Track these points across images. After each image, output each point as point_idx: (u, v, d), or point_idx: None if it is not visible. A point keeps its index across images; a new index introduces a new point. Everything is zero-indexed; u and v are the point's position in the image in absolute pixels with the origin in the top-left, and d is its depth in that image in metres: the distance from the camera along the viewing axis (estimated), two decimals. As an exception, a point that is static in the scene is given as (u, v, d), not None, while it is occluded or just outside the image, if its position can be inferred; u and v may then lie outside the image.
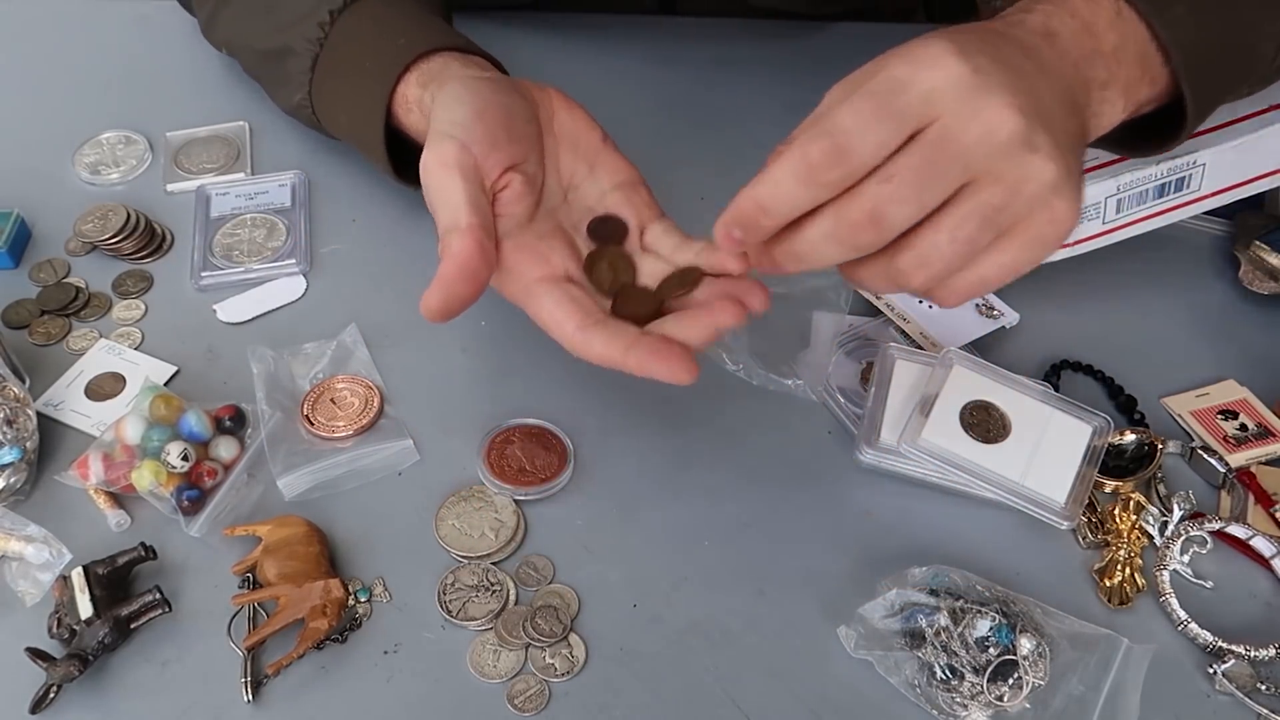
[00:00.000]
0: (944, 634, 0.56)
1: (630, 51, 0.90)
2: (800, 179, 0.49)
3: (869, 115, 0.47)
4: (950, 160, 0.47)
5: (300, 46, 0.70)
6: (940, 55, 0.47)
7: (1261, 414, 0.66)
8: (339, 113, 0.71)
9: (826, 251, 0.50)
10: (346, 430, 0.65)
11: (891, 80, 0.48)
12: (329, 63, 0.70)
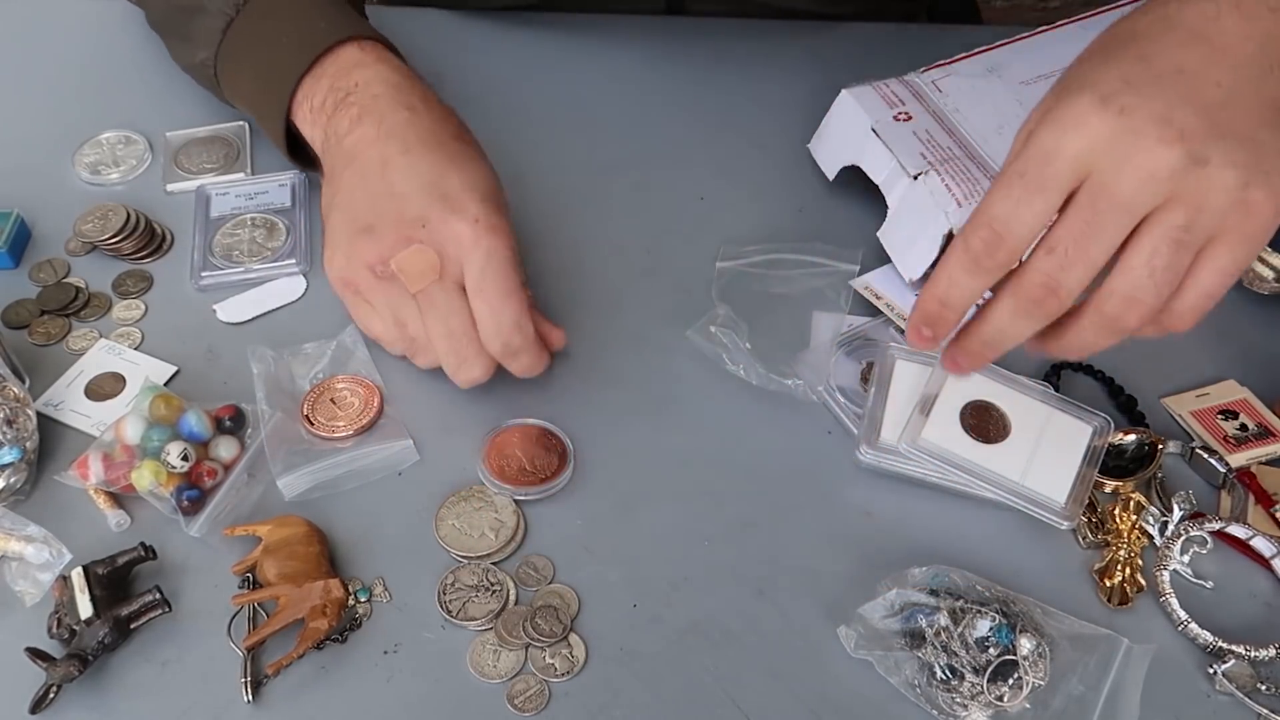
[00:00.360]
0: (944, 634, 0.56)
1: (634, 52, 0.90)
2: (968, 270, 0.51)
3: (1019, 196, 0.49)
4: (1110, 213, 0.48)
5: (214, 7, 0.72)
6: (1083, 114, 0.48)
7: (1261, 414, 0.66)
8: (243, 81, 0.73)
9: (1016, 329, 0.52)
10: (346, 430, 0.65)
11: (1039, 152, 0.50)
12: (243, 29, 0.71)
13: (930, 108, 0.75)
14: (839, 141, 0.78)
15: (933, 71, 0.78)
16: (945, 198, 0.69)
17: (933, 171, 0.70)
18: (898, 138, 0.73)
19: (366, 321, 0.67)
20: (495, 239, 0.62)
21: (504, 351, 0.63)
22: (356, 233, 0.64)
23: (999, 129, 0.74)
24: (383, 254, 0.63)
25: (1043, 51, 0.79)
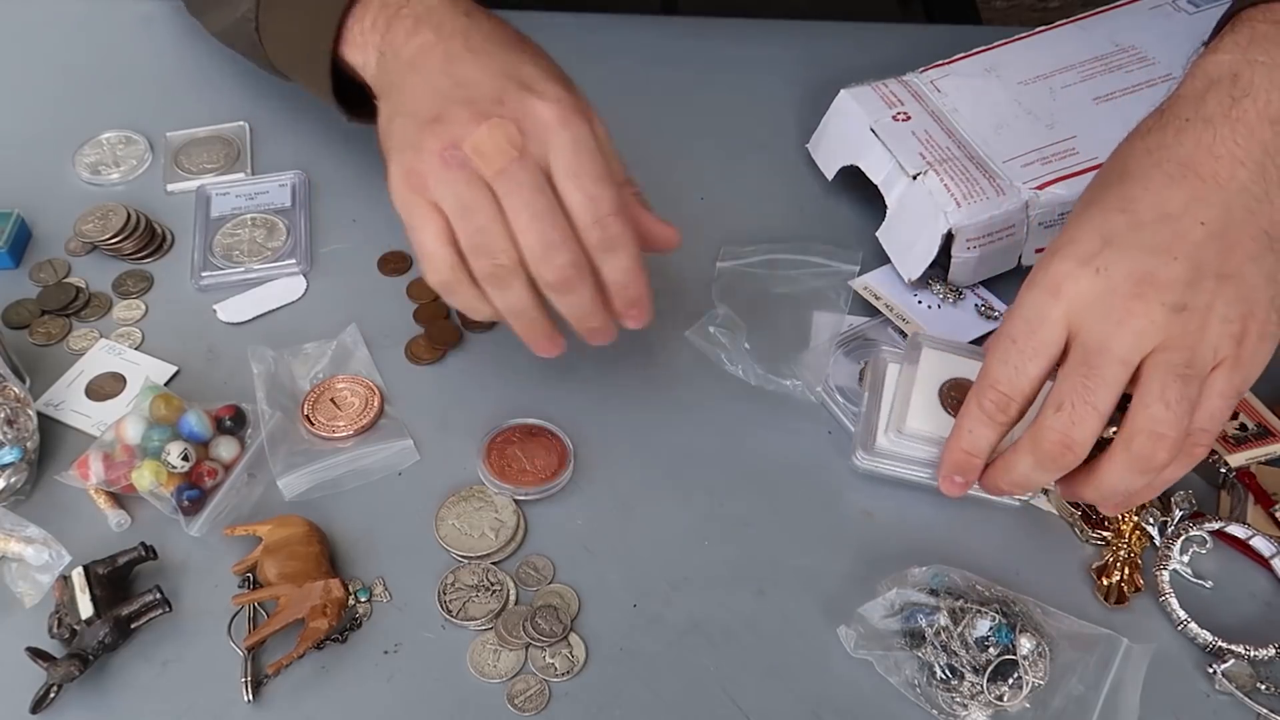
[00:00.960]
0: (944, 634, 0.56)
1: (633, 52, 0.90)
2: (985, 425, 0.54)
3: (1015, 361, 0.52)
4: (1106, 368, 0.50)
5: None
6: (1063, 278, 0.51)
7: (1261, 414, 0.66)
8: (287, 25, 0.68)
9: (1039, 477, 0.54)
10: (347, 430, 0.65)
11: (1025, 318, 0.52)
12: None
13: (929, 108, 0.75)
14: (838, 141, 0.78)
15: (931, 71, 0.78)
16: (944, 197, 0.69)
17: (931, 171, 0.70)
18: (896, 138, 0.73)
19: (421, 228, 0.57)
20: (583, 121, 0.56)
21: (602, 242, 0.56)
22: (424, 124, 0.57)
23: (997, 129, 0.74)
24: (455, 136, 0.56)
25: (1041, 52, 0.79)
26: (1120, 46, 0.78)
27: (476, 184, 0.55)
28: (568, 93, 0.57)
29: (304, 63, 0.68)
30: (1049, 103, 0.75)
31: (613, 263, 0.57)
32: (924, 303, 0.72)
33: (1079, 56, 0.78)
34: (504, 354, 0.70)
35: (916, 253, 0.71)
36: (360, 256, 0.76)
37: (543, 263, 0.56)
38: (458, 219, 0.56)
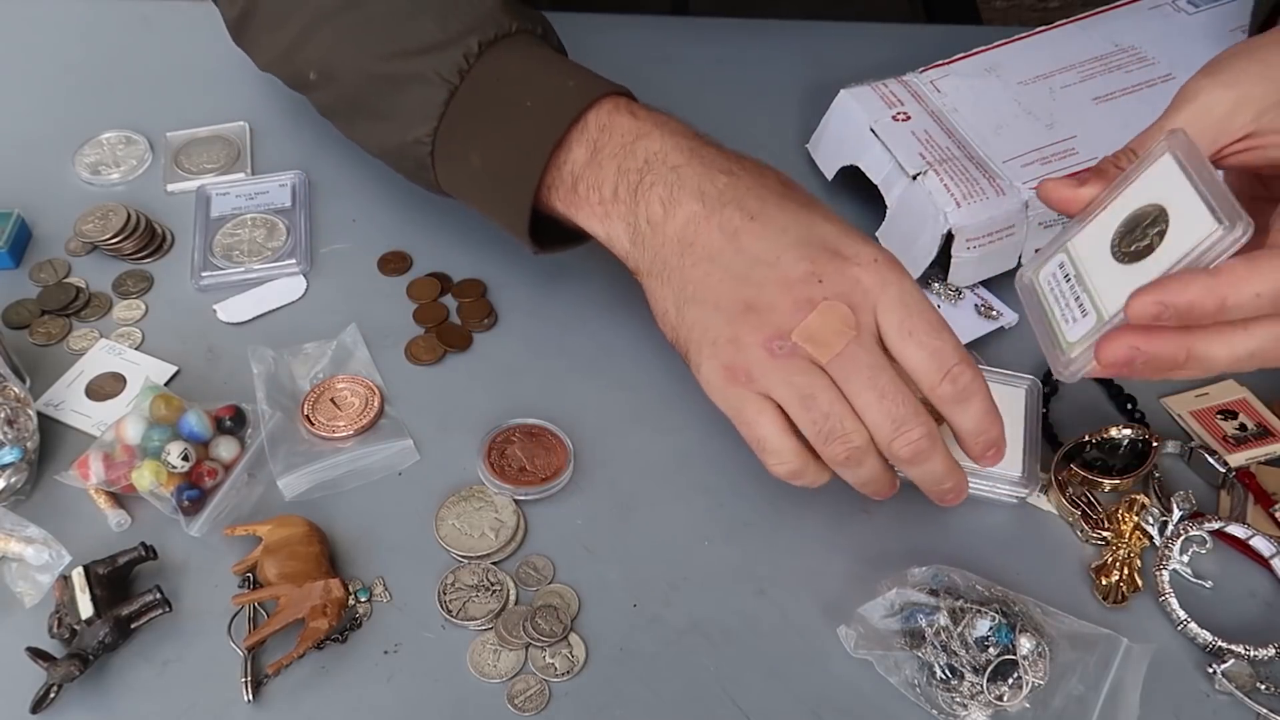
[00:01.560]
0: (944, 634, 0.56)
1: (633, 52, 0.90)
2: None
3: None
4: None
5: (432, 76, 0.62)
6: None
7: (1261, 414, 0.66)
8: (472, 153, 0.63)
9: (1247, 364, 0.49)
10: (347, 430, 0.65)
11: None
12: (471, 98, 0.62)
13: (929, 108, 0.75)
14: (838, 141, 0.78)
15: (931, 71, 0.78)
16: (944, 197, 0.69)
17: (931, 171, 0.70)
18: (896, 137, 0.73)
19: (757, 422, 0.55)
20: (902, 275, 0.54)
21: (955, 395, 0.53)
22: (735, 316, 0.55)
23: (997, 129, 0.74)
24: (780, 327, 0.54)
25: (1041, 52, 0.79)
26: (1120, 46, 0.78)
27: (812, 371, 0.53)
28: (873, 246, 0.55)
29: (497, 203, 0.64)
30: (1049, 103, 0.75)
31: (967, 411, 0.54)
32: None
33: (1079, 56, 0.78)
34: (504, 354, 0.70)
35: (916, 252, 0.71)
36: (360, 256, 0.76)
37: (895, 441, 0.53)
38: (797, 409, 0.54)
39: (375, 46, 0.65)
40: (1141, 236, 0.47)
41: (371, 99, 0.67)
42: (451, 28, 0.63)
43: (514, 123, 0.61)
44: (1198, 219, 0.46)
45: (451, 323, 0.71)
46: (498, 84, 0.62)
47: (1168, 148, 0.48)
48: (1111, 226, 0.49)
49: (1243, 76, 0.48)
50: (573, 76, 0.62)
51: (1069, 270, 0.51)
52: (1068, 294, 0.51)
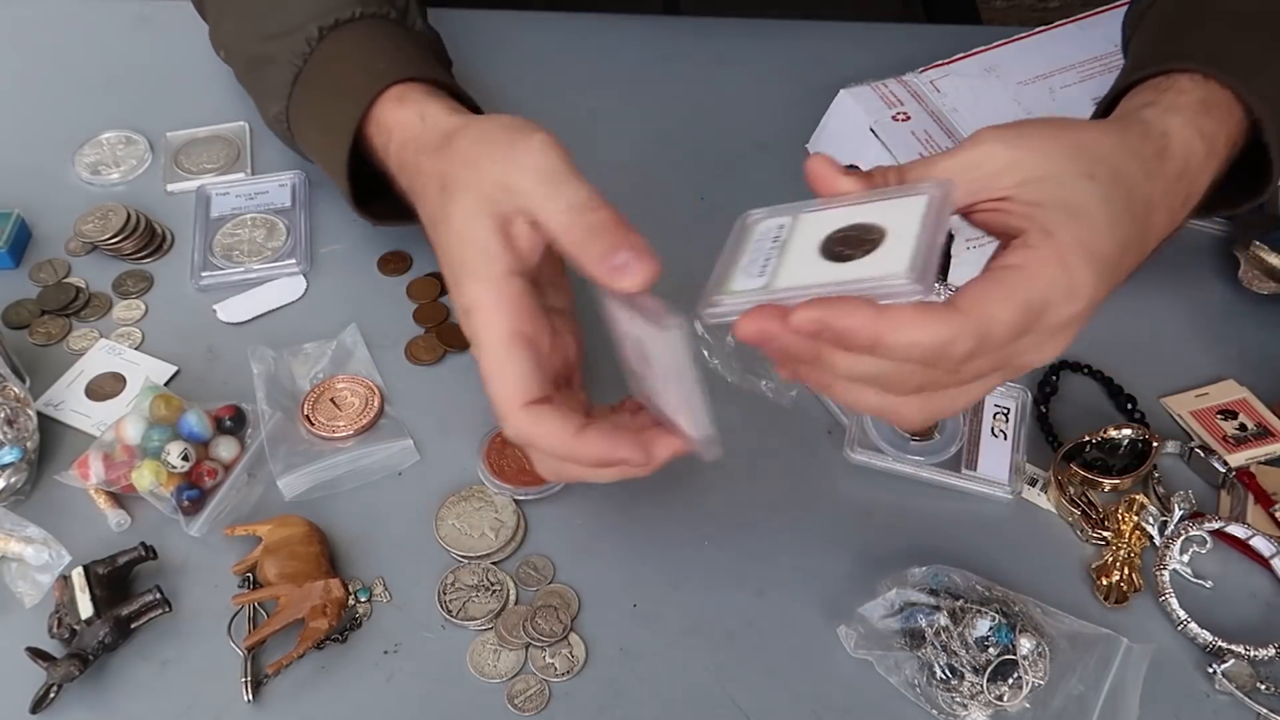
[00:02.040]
0: (944, 634, 0.56)
1: (633, 52, 0.90)
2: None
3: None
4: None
5: (283, 58, 0.68)
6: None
7: (1261, 414, 0.66)
8: (311, 130, 0.70)
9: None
10: (347, 430, 0.65)
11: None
12: (309, 78, 0.68)
13: (929, 108, 0.75)
14: (838, 141, 0.78)
15: (931, 72, 0.78)
16: None
17: None
18: (896, 138, 0.73)
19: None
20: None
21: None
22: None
23: None
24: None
25: (1041, 52, 0.79)
26: (1119, 46, 0.78)
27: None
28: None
29: (328, 170, 0.69)
30: (1048, 103, 0.75)
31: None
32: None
33: (1078, 57, 0.78)
34: (504, 354, 0.70)
35: None
36: (360, 256, 0.76)
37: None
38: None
39: (252, 30, 0.72)
40: (852, 245, 0.47)
41: (252, 77, 0.74)
42: (303, 13, 0.68)
43: (334, 103, 0.66)
44: (898, 259, 0.45)
45: (451, 323, 0.71)
46: (329, 66, 0.68)
47: (928, 192, 0.47)
48: (839, 223, 0.49)
49: (1027, 145, 0.49)
50: (384, 59, 0.65)
51: (782, 235, 0.50)
52: (765, 251, 0.50)
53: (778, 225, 0.50)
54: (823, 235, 0.48)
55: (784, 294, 0.46)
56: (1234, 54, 0.53)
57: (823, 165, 0.49)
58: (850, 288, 0.45)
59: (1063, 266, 0.46)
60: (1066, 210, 0.47)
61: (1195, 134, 0.52)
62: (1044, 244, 0.46)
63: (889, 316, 0.44)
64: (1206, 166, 0.52)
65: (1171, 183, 0.51)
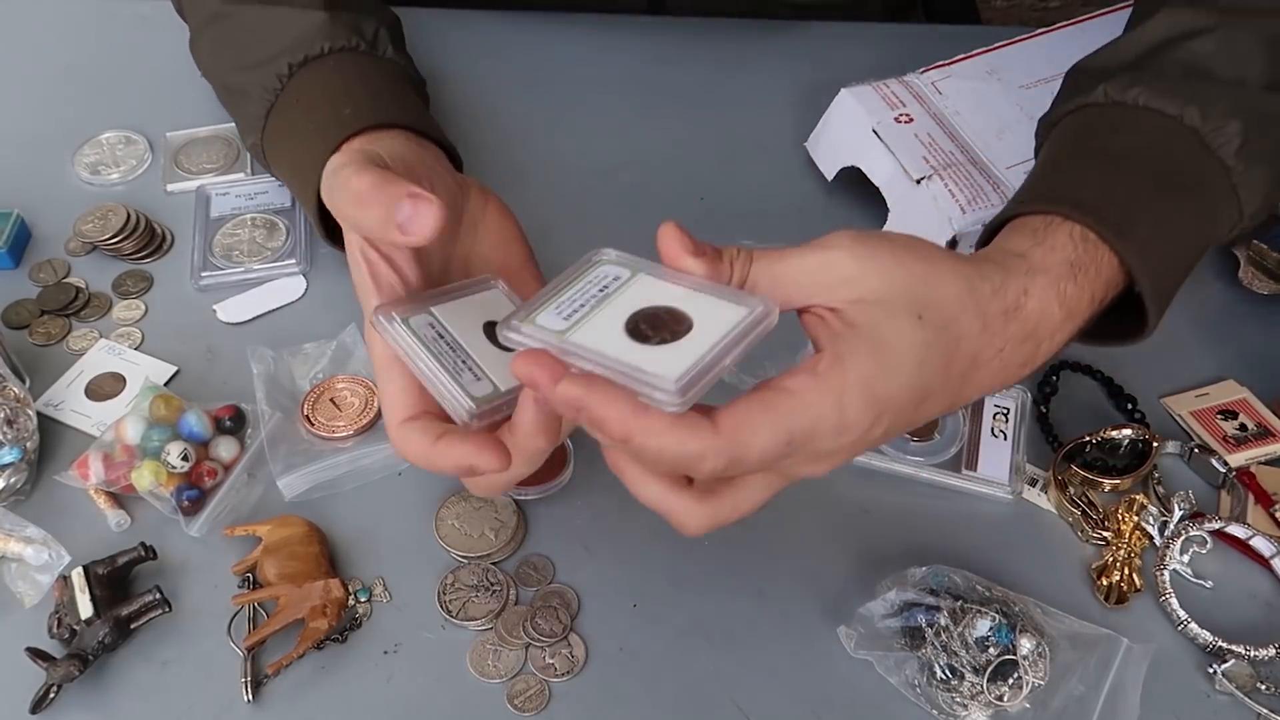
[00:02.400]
0: (944, 634, 0.56)
1: (633, 52, 0.90)
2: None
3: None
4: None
5: (256, 92, 0.68)
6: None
7: (1261, 414, 0.66)
8: (283, 166, 0.69)
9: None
10: (347, 430, 0.65)
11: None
12: (280, 114, 0.68)
13: (931, 110, 0.75)
14: (838, 141, 0.78)
15: (932, 73, 0.78)
16: (949, 204, 0.69)
17: (936, 176, 0.70)
18: (899, 140, 0.73)
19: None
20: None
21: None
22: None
23: (999, 133, 0.74)
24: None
25: (1042, 55, 0.79)
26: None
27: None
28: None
29: (308, 211, 0.67)
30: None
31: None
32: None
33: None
34: (504, 354, 0.70)
35: None
36: (360, 256, 0.76)
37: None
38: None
39: (228, 58, 0.72)
40: (656, 328, 0.46)
41: (229, 103, 0.74)
42: (276, 46, 0.68)
43: (302, 145, 0.64)
44: (675, 365, 0.44)
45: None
46: (297, 105, 0.67)
47: (750, 309, 0.46)
48: (660, 299, 0.47)
49: (874, 263, 0.47)
50: (351, 104, 0.64)
51: (610, 289, 0.48)
52: (587, 297, 0.48)
53: (614, 275, 0.49)
54: (639, 305, 0.47)
55: (572, 351, 0.45)
56: (1115, 201, 0.53)
57: (673, 240, 0.48)
58: (623, 374, 0.44)
59: (838, 403, 0.45)
60: (872, 344, 0.46)
61: (1055, 298, 0.51)
62: (830, 374, 0.45)
63: (644, 419, 0.43)
64: (1062, 329, 0.52)
65: (1015, 343, 0.50)
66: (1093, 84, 0.58)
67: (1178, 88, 0.55)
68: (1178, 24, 0.57)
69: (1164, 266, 0.54)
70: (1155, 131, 0.55)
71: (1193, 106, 0.55)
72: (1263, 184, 0.56)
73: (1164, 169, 0.55)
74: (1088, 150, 0.56)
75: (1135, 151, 0.55)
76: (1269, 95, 0.56)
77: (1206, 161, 0.55)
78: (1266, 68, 0.56)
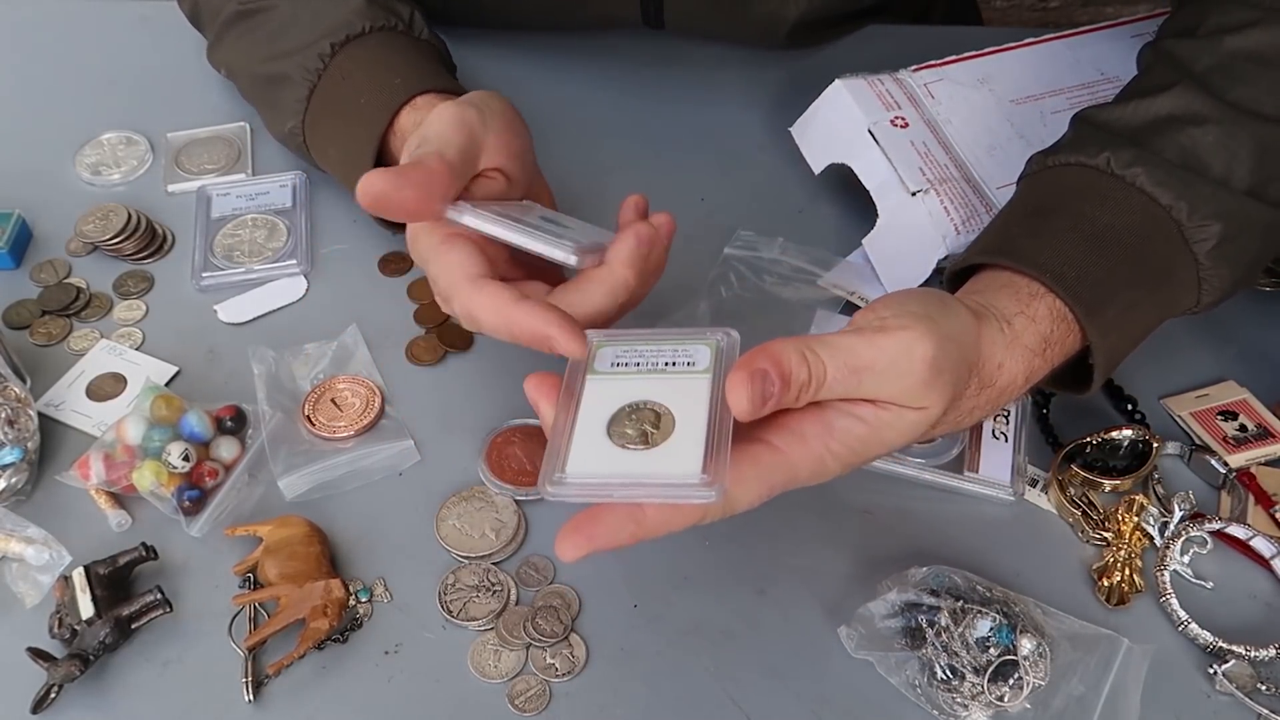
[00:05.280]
0: (944, 634, 0.56)
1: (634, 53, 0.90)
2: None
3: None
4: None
5: (297, 75, 0.70)
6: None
7: (1261, 415, 0.66)
8: (329, 146, 0.71)
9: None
10: (347, 431, 0.65)
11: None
12: (324, 95, 0.70)
13: (925, 116, 0.74)
14: (828, 134, 0.76)
15: (924, 72, 0.77)
16: (944, 222, 0.68)
17: (933, 191, 0.69)
18: (895, 146, 0.72)
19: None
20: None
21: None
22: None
23: (990, 149, 0.73)
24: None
25: (1033, 68, 0.78)
26: (1106, 76, 0.78)
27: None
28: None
29: (348, 178, 0.68)
30: (1039, 128, 0.75)
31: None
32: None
33: (1068, 81, 0.78)
34: (504, 355, 0.70)
35: (907, 270, 0.70)
36: (361, 257, 0.76)
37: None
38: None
39: (259, 50, 0.73)
40: (633, 424, 0.49)
41: (261, 93, 0.75)
42: (313, 31, 0.70)
43: (353, 118, 0.68)
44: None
45: (452, 323, 0.71)
46: (343, 83, 0.69)
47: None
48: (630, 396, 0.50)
49: (951, 346, 0.51)
50: (401, 74, 0.68)
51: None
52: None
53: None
54: (615, 410, 0.50)
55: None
56: (1091, 278, 0.56)
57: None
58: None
59: (822, 467, 0.50)
60: (878, 429, 0.50)
61: (1023, 373, 0.56)
62: (820, 438, 0.50)
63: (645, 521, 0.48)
64: (1019, 392, 0.57)
65: (980, 405, 0.55)
66: (1097, 145, 0.60)
67: (1174, 178, 0.58)
68: (1187, 107, 0.60)
69: (1118, 343, 0.58)
70: (1143, 215, 0.58)
71: (1183, 202, 0.58)
72: (1224, 283, 0.60)
73: (1142, 254, 0.58)
74: (1079, 215, 0.59)
75: (1121, 231, 0.58)
76: (1248, 201, 0.59)
77: (1181, 254, 0.59)
78: (1251, 172, 0.59)
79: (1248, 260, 0.60)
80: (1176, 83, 0.60)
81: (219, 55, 0.79)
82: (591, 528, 0.47)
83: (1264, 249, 0.61)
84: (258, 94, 0.76)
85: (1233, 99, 0.59)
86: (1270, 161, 0.59)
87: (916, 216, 0.69)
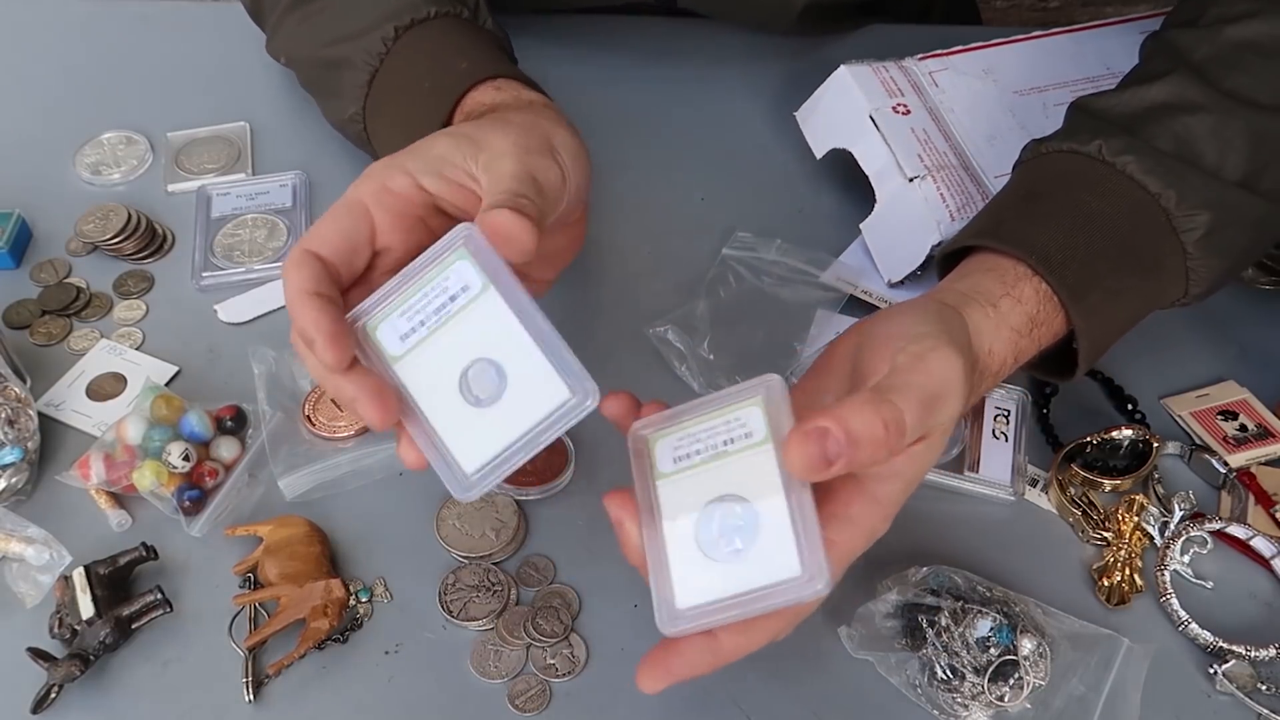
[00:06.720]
0: (945, 634, 0.56)
1: (633, 51, 0.90)
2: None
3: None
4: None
5: (359, 59, 0.68)
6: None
7: (1261, 414, 0.66)
8: (395, 132, 0.68)
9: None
10: (348, 430, 0.65)
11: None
12: (386, 79, 0.68)
13: (928, 104, 0.75)
14: (831, 119, 0.76)
15: (930, 61, 0.77)
16: (939, 208, 0.69)
17: (929, 177, 0.70)
18: (896, 132, 0.72)
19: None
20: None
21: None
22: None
23: (990, 139, 0.73)
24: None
25: (1037, 62, 0.78)
26: (1110, 70, 0.78)
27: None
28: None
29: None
30: (1041, 119, 0.75)
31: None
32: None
33: (1072, 75, 0.78)
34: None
35: (902, 256, 0.70)
36: (361, 257, 0.76)
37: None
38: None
39: (321, 34, 0.71)
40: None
41: (321, 79, 0.74)
42: (376, 15, 0.68)
43: (417, 103, 0.66)
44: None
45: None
46: (407, 67, 0.68)
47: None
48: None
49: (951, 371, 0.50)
50: (468, 58, 0.66)
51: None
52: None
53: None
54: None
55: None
56: (1076, 260, 0.56)
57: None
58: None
59: (875, 535, 0.50)
60: (911, 472, 0.49)
61: (1011, 353, 0.55)
62: (869, 518, 0.49)
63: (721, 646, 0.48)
64: (1008, 373, 0.56)
65: (975, 391, 0.55)
66: (1091, 132, 0.60)
67: (1164, 166, 0.58)
68: (1182, 95, 0.60)
69: (1103, 331, 0.58)
70: (1132, 202, 0.58)
71: (1172, 190, 0.58)
72: (1212, 274, 0.59)
73: (1130, 241, 0.58)
74: (1068, 200, 0.59)
75: (1110, 218, 0.58)
76: (1238, 191, 0.59)
77: (1168, 242, 0.58)
78: (1244, 162, 0.59)
79: (1237, 251, 0.60)
80: (1172, 71, 0.60)
81: (278, 43, 0.77)
82: (670, 661, 0.48)
83: (1255, 241, 0.61)
84: (317, 80, 0.75)
85: (1229, 88, 0.59)
86: (1265, 150, 0.59)
87: (912, 202, 0.70)
